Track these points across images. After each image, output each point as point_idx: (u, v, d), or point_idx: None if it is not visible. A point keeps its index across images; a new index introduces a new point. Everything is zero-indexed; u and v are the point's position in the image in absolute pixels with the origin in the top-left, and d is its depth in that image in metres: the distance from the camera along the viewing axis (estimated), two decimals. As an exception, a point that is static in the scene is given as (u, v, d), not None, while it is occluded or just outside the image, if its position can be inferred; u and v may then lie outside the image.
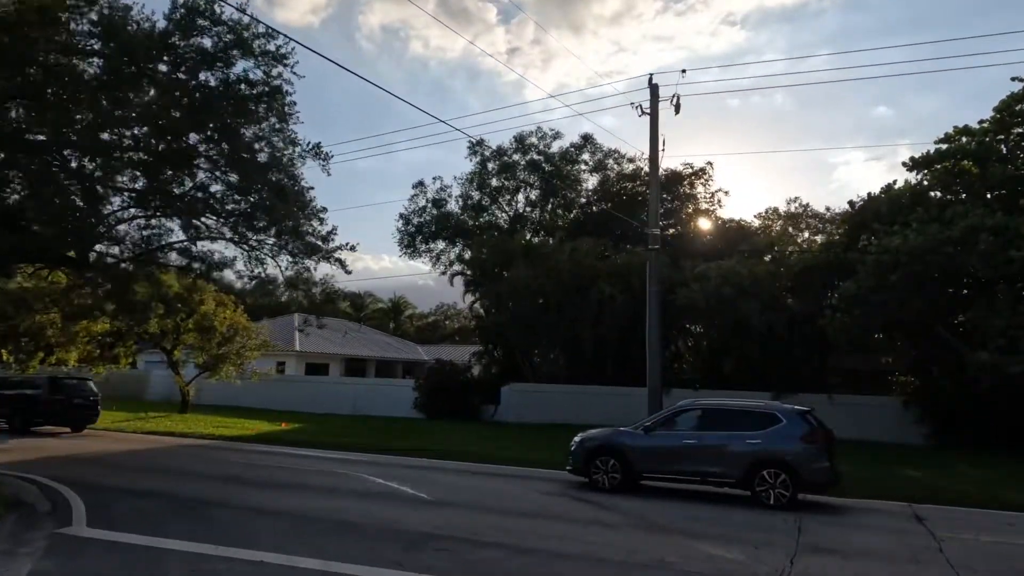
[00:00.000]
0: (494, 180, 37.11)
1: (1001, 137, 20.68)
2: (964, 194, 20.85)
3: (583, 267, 27.15)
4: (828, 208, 37.58)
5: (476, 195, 37.18)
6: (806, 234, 37.00)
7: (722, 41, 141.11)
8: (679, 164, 36.40)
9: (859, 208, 22.93)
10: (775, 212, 40.90)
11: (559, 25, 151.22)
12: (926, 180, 21.84)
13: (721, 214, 34.65)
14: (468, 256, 34.28)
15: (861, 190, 34.52)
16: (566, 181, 35.64)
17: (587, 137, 36.60)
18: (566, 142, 37.09)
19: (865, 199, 22.91)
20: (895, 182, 22.37)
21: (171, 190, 13.70)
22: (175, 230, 14.36)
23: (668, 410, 12.50)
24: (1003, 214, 17.89)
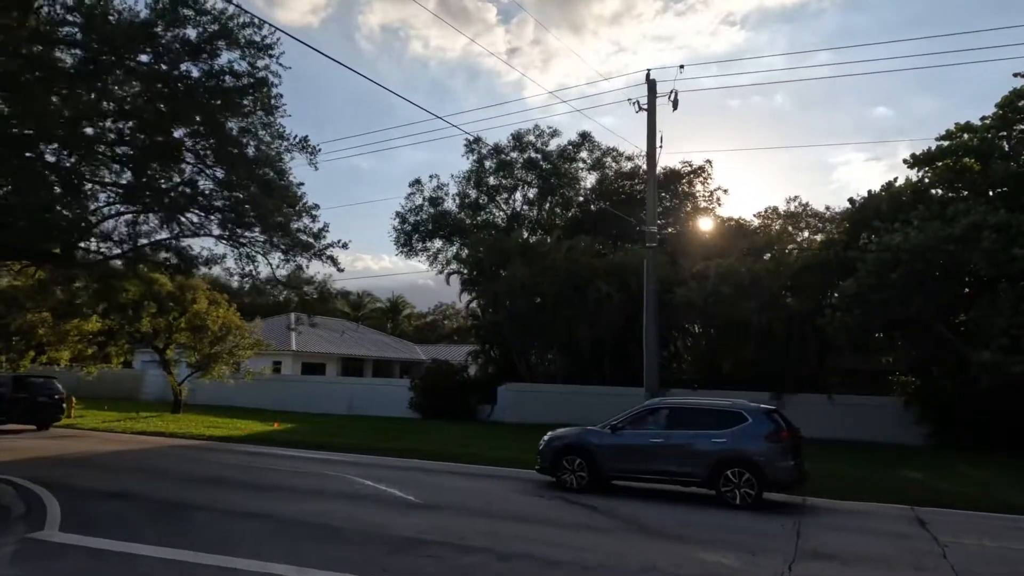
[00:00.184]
0: (491, 178, 36.77)
1: (1004, 134, 20.41)
2: (966, 192, 20.57)
3: (580, 266, 26.86)
4: (828, 207, 37.34)
5: (473, 193, 36.83)
6: (806, 233, 36.72)
7: (722, 41, 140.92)
8: (678, 162, 36.13)
9: (859, 206, 22.58)
10: (775, 211, 40.64)
11: (559, 25, 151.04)
12: (927, 177, 21.54)
13: (720, 213, 34.36)
14: (465, 255, 33.95)
15: (861, 190, 33.99)
16: (563, 179, 35.30)
17: (585, 135, 36.30)
18: (564, 140, 36.76)
19: (866, 197, 22.58)
20: (896, 179, 22.07)
21: (158, 185, 13.40)
22: (164, 227, 14.04)
23: (635, 409, 12.29)
24: (1006, 211, 17.60)
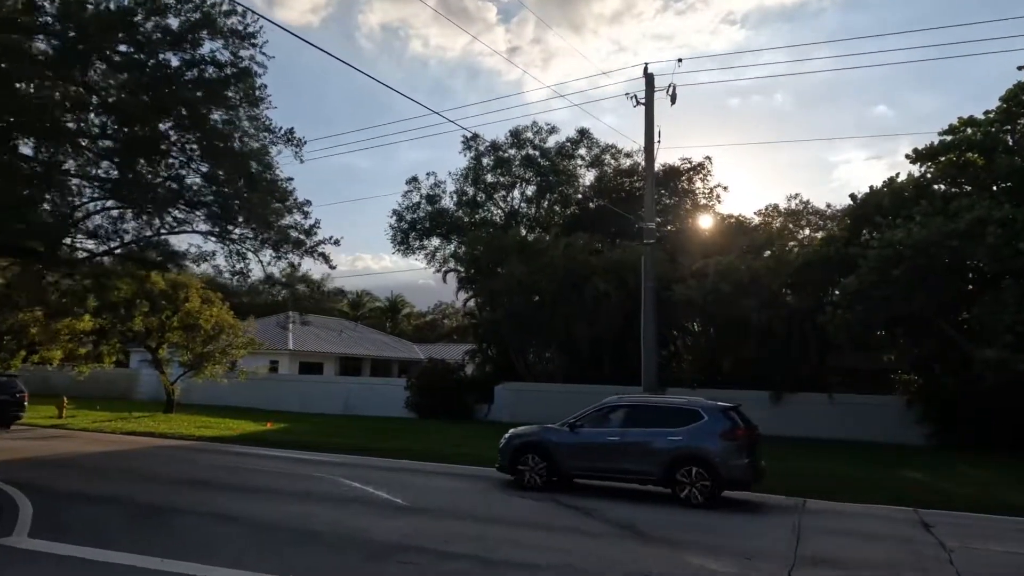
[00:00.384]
0: (489, 176, 36.42)
1: (1008, 128, 20.00)
2: (969, 187, 20.21)
3: (578, 263, 26.51)
4: (829, 205, 36.95)
5: (471, 191, 36.49)
6: (807, 231, 36.36)
7: (722, 40, 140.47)
8: (677, 159, 35.76)
9: (861, 201, 22.19)
10: (775, 209, 40.28)
11: (559, 24, 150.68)
12: (930, 173, 21.18)
13: (720, 210, 34.00)
14: (462, 253, 33.61)
15: (862, 189, 33.48)
16: (562, 177, 34.95)
17: (583, 132, 35.89)
18: (562, 137, 36.39)
19: (867, 192, 22.21)
20: (897, 175, 21.70)
21: (143, 180, 13.09)
22: (148, 223, 13.70)
23: (594, 407, 12.20)
24: (1011, 206, 17.24)
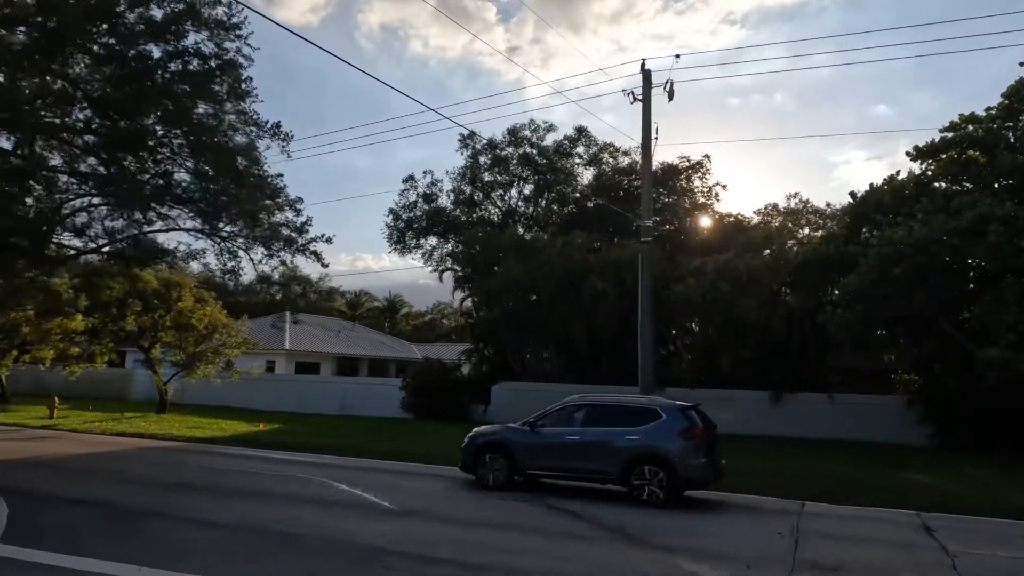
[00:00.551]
0: (486, 174, 36.17)
1: (1010, 124, 19.73)
2: (970, 184, 19.95)
3: (575, 262, 26.25)
4: (829, 204, 36.70)
5: (468, 190, 36.24)
6: (806, 230, 36.10)
7: (722, 40, 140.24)
8: (676, 157, 35.53)
9: (861, 199, 21.91)
10: (774, 208, 39.99)
11: (558, 24, 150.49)
12: (931, 170, 20.93)
13: (719, 209, 33.75)
14: (459, 251, 33.34)
15: (862, 188, 32.93)
16: (559, 175, 34.68)
17: (581, 130, 35.60)
18: (560, 135, 36.13)
19: (867, 190, 21.94)
20: (898, 172, 21.45)
21: (129, 176, 12.82)
22: (131, 220, 13.42)
23: (554, 406, 12.15)
24: (1013, 204, 16.99)
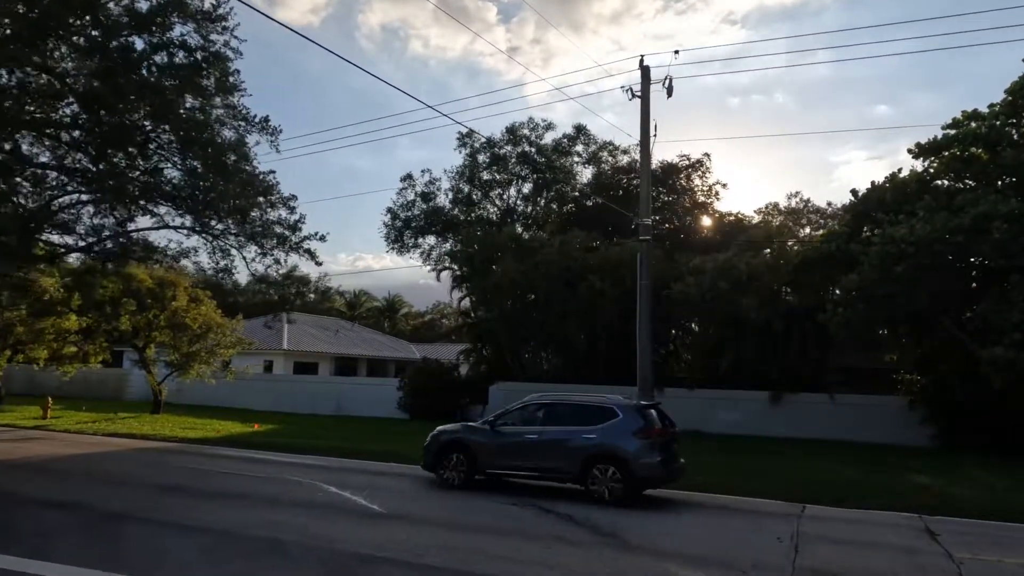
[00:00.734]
0: (485, 173, 35.92)
1: (1013, 121, 19.45)
2: (973, 182, 19.67)
3: (573, 261, 25.98)
4: (830, 204, 36.36)
5: (466, 188, 35.99)
6: (807, 229, 35.80)
7: (722, 40, 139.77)
8: (675, 156, 35.22)
9: (862, 197, 21.60)
10: (775, 208, 39.67)
11: (559, 24, 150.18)
12: (933, 167, 20.63)
13: (719, 207, 33.43)
14: (456, 250, 33.07)
15: (863, 188, 32.47)
16: (558, 173, 34.39)
17: (580, 128, 35.35)
18: (559, 134, 35.88)
19: (869, 188, 21.64)
20: (900, 170, 21.14)
21: (116, 171, 12.56)
22: (116, 216, 13.17)
23: (515, 405, 12.21)
24: (1017, 201, 16.71)
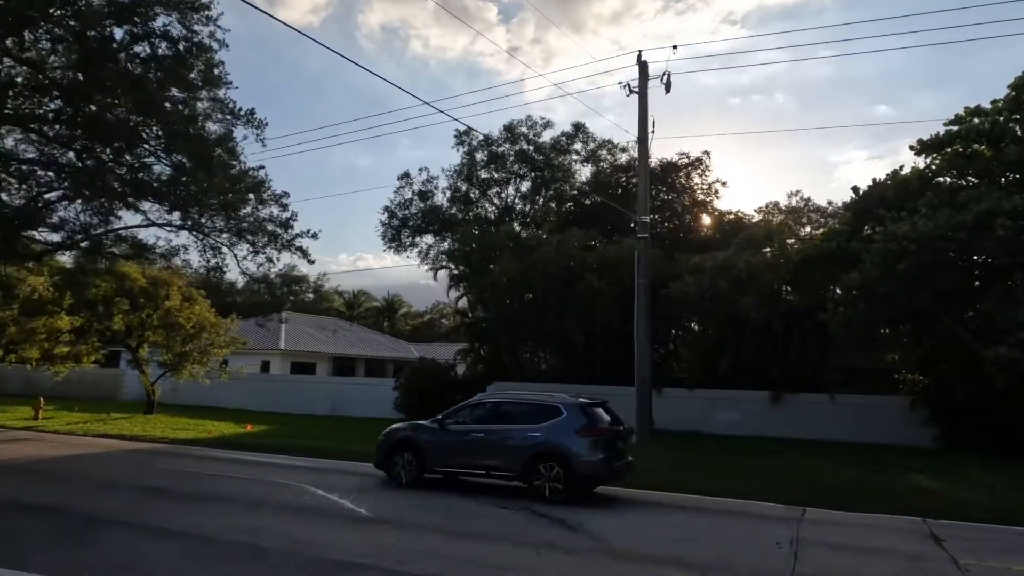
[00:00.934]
0: (483, 172, 35.61)
1: (1016, 117, 19.15)
2: (976, 179, 19.38)
3: (570, 259, 25.69)
4: (830, 203, 36.04)
5: (464, 187, 35.67)
6: (808, 228, 35.51)
7: (723, 39, 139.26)
8: (675, 154, 34.92)
9: (864, 194, 21.30)
10: (775, 207, 39.38)
11: (559, 24, 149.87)
12: (935, 164, 20.33)
13: (719, 206, 33.10)
14: (454, 249, 32.77)
15: (864, 186, 32.21)
16: (556, 172, 34.08)
17: (579, 126, 35.00)
18: (557, 131, 35.56)
19: (870, 185, 21.33)
20: (901, 167, 20.85)
21: (99, 167, 12.29)
22: (96, 213, 12.90)
23: (463, 404, 12.34)
24: (1021, 197, 16.41)
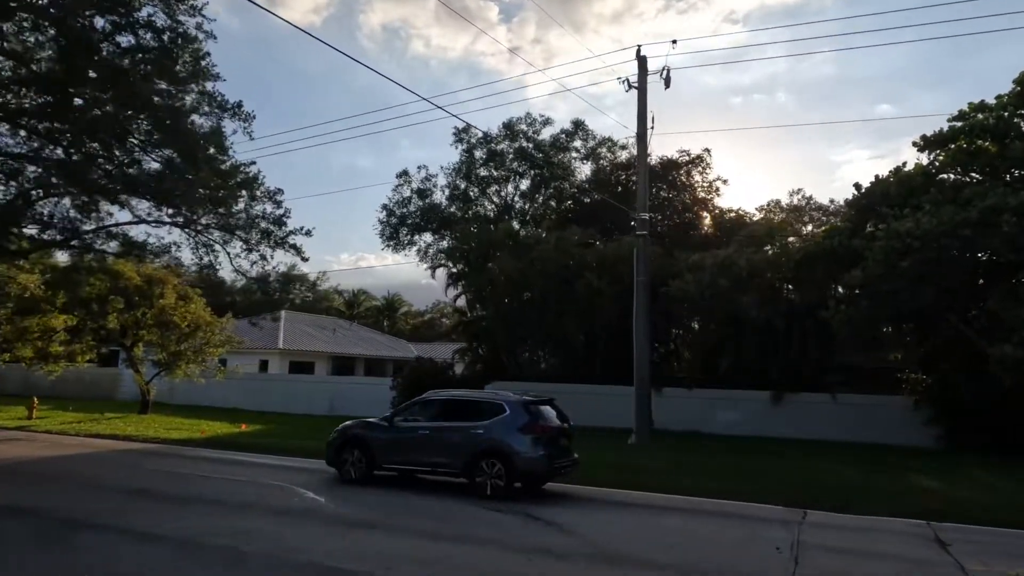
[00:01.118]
0: (482, 169, 35.34)
1: (1022, 112, 18.89)
2: (979, 176, 19.10)
3: (569, 257, 25.44)
4: (832, 201, 35.73)
5: (463, 185, 35.41)
6: (810, 227, 35.19)
7: (724, 39, 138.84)
8: (675, 152, 34.62)
9: (866, 191, 21.01)
10: (777, 205, 39.10)
11: (560, 23, 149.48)
12: (939, 160, 20.04)
13: (720, 204, 32.82)
14: (452, 247, 32.49)
15: (865, 183, 31.84)
16: (556, 169, 33.80)
17: (578, 123, 34.69)
18: (557, 129, 35.27)
19: (872, 182, 21.05)
20: (904, 164, 20.58)
21: (85, 161, 12.06)
22: (81, 209, 12.67)
23: (412, 401, 12.54)
24: (1027, 193, 16.14)
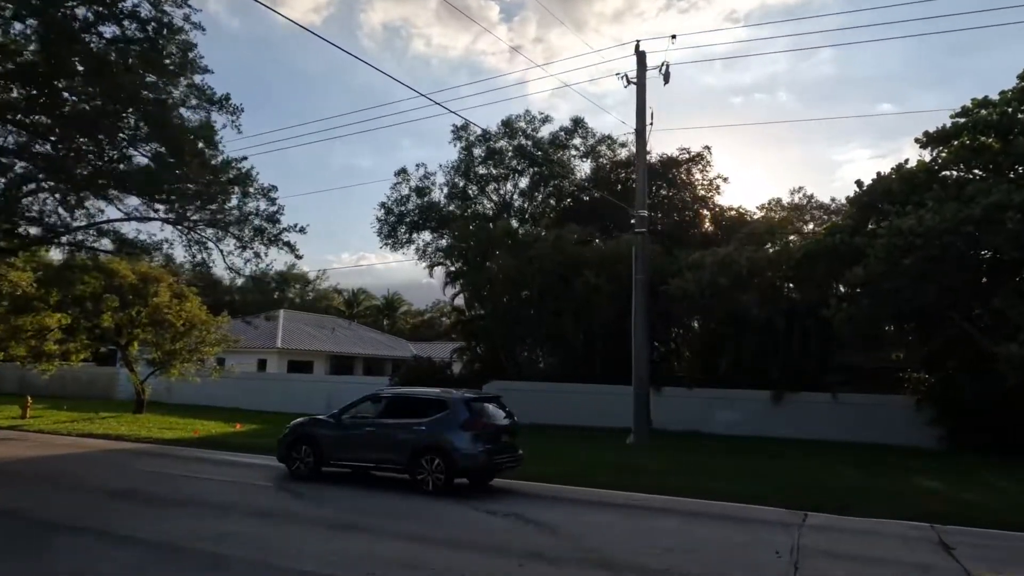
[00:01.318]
0: (480, 167, 35.09)
1: (1025, 107, 18.64)
2: (983, 172, 18.83)
3: (568, 256, 25.19)
4: (833, 199, 35.42)
5: (461, 183, 35.16)
6: (811, 226, 34.91)
7: (724, 38, 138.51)
8: (675, 149, 34.33)
9: (868, 188, 20.73)
10: (778, 203, 38.79)
11: (561, 21, 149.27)
12: (941, 157, 19.77)
13: (720, 202, 32.54)
14: (450, 246, 32.23)
15: (867, 180, 31.41)
16: (555, 167, 33.55)
17: (578, 121, 34.40)
18: (556, 127, 34.96)
19: (874, 178, 20.77)
20: (907, 161, 20.30)
21: (70, 156, 11.85)
22: (70, 206, 12.46)
23: (359, 398, 12.71)
24: (1031, 190, 15.88)
